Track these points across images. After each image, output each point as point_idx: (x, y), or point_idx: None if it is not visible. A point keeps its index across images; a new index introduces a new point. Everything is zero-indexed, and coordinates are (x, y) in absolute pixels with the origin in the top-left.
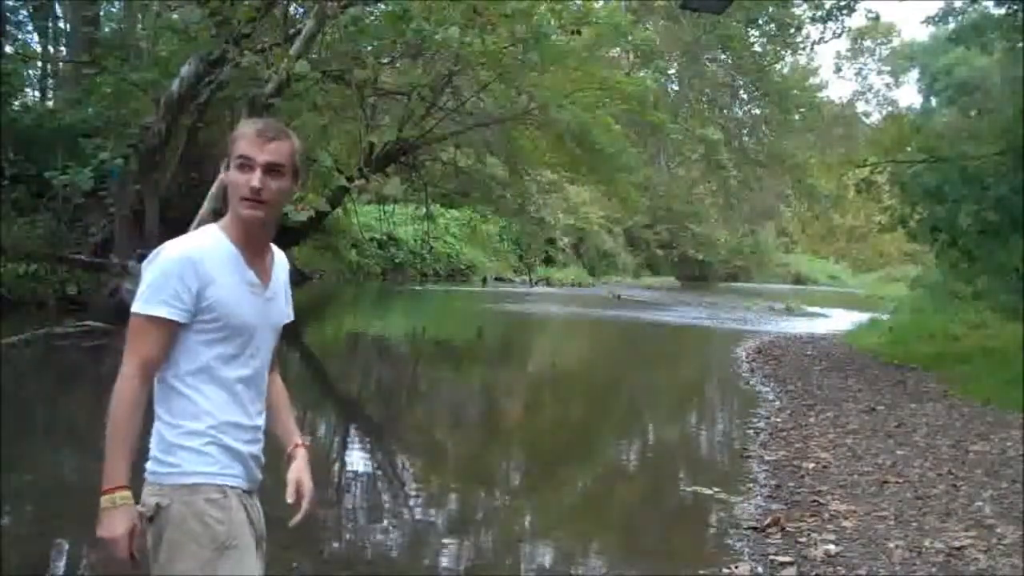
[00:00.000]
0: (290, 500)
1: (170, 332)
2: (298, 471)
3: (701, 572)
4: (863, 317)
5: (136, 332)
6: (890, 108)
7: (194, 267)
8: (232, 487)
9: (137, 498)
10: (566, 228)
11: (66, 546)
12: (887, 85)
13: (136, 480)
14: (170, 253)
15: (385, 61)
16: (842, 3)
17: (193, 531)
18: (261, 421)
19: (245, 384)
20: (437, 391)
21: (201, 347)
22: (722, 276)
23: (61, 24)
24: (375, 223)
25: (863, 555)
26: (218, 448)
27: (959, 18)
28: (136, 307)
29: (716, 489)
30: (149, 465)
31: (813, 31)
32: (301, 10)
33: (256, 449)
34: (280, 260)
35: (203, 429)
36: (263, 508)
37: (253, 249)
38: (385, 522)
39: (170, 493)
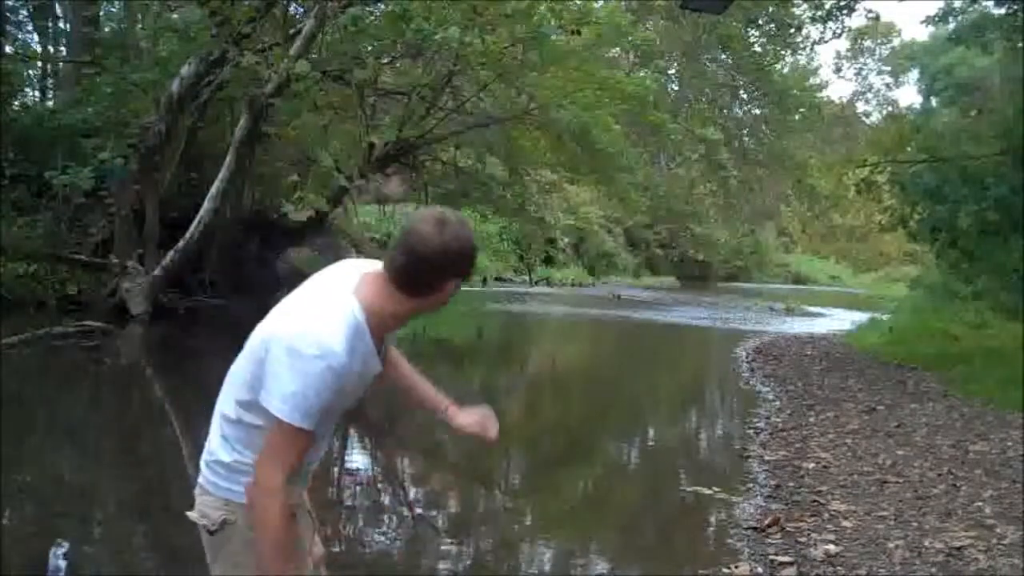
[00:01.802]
0: (492, 435)
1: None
2: (469, 414)
3: (701, 572)
4: (863, 317)
5: (283, 442)
6: (890, 108)
7: (342, 376)
8: (293, 503)
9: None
10: (566, 228)
11: (66, 546)
12: (887, 85)
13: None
14: (324, 361)
15: (385, 61)
16: (842, 3)
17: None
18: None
19: (309, 462)
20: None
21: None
22: (722, 276)
23: (61, 24)
24: (375, 223)
25: (863, 555)
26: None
27: (959, 18)
28: (290, 417)
29: (716, 489)
30: (211, 478)
31: (813, 31)
32: (301, 10)
33: (313, 467)
34: None
35: None
36: None
37: None
38: (385, 522)
39: (237, 510)
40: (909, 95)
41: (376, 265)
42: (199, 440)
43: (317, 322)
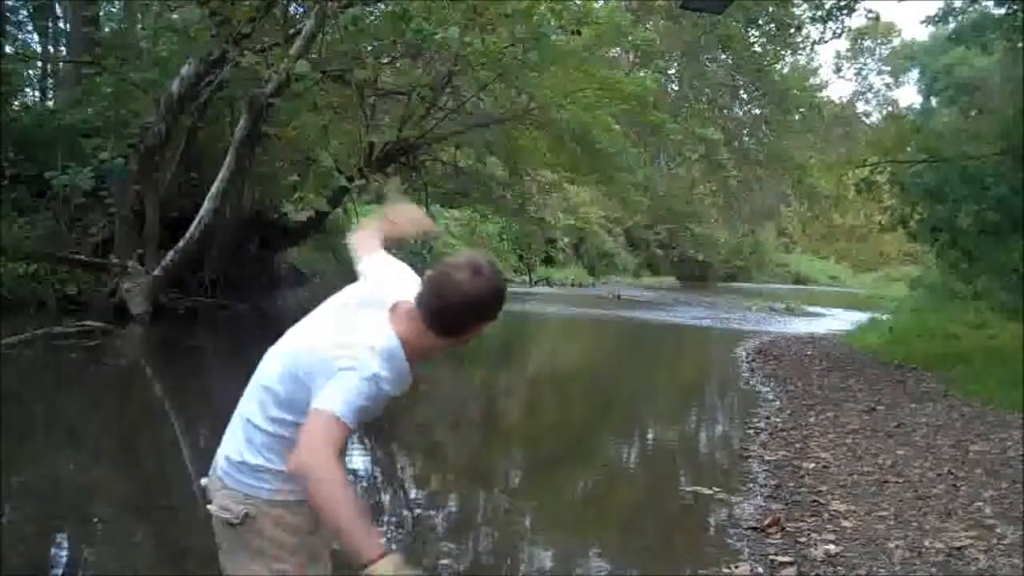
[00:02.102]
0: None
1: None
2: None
3: (701, 572)
4: (863, 317)
5: (329, 429)
6: (890, 108)
7: (379, 400)
8: None
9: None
10: (566, 228)
11: (66, 546)
12: (887, 85)
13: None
14: (370, 377)
15: (385, 61)
16: (842, 3)
17: (285, 541)
18: None
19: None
20: (436, 391)
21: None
22: (722, 276)
23: (61, 24)
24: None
25: (863, 555)
26: None
27: (959, 18)
28: (341, 412)
29: (716, 489)
30: (234, 475)
31: (813, 31)
32: (301, 10)
33: None
34: None
35: None
36: None
37: None
38: (385, 522)
39: (259, 504)
40: (909, 95)
41: (402, 294)
42: (199, 440)
43: (366, 348)
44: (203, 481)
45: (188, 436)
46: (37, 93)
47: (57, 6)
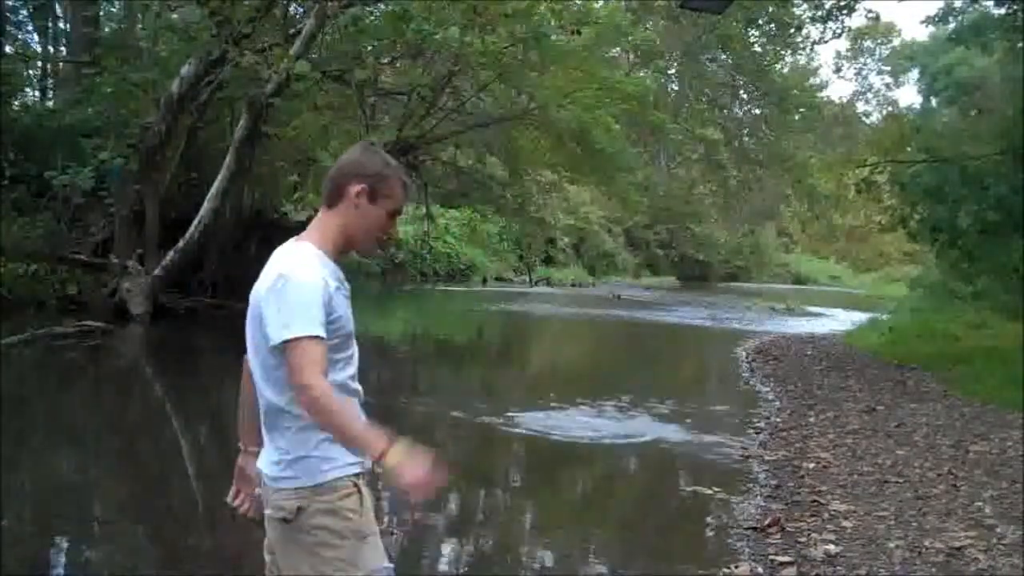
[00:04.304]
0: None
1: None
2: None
3: (701, 572)
4: (863, 317)
5: (304, 352)
6: (890, 108)
7: (325, 290)
8: (359, 474)
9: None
10: (566, 228)
11: (66, 546)
12: (887, 85)
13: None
14: (303, 280)
15: (385, 61)
16: (842, 3)
17: (334, 527)
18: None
19: (352, 379)
20: (436, 390)
21: (330, 360)
22: (722, 276)
23: (61, 24)
24: None
25: (863, 555)
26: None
27: (959, 18)
28: (295, 332)
29: (716, 489)
30: (282, 473)
31: (813, 31)
32: (301, 10)
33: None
34: None
35: None
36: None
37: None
38: (385, 522)
39: (308, 496)
40: (909, 95)
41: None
42: (199, 440)
43: (288, 264)
44: (257, 491)
45: (188, 436)
46: (37, 93)
47: (57, 6)
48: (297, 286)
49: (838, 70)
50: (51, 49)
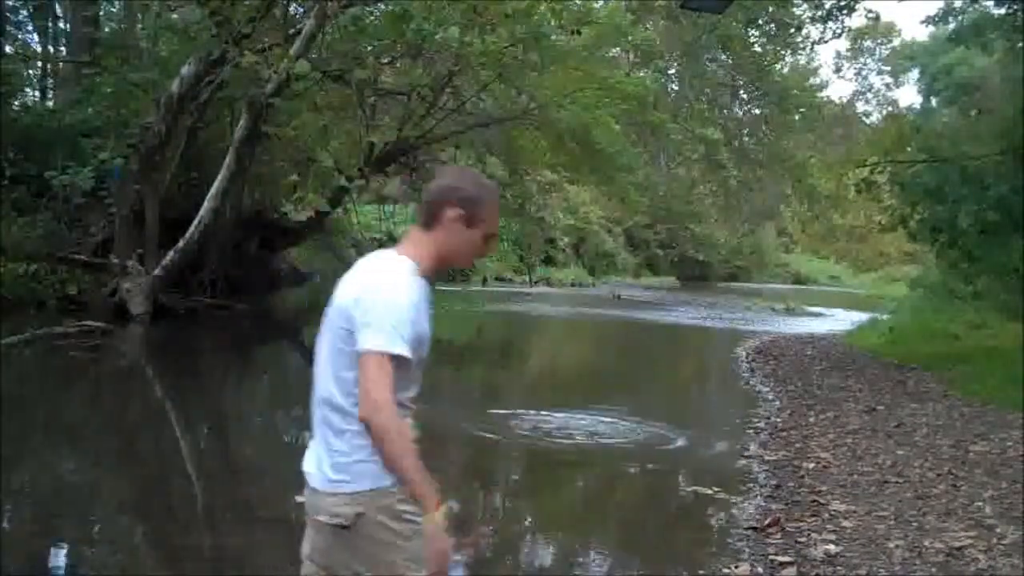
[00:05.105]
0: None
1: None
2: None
3: (701, 572)
4: (863, 317)
5: (381, 366)
6: (890, 108)
7: (416, 309)
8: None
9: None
10: (566, 228)
11: (66, 546)
12: (887, 85)
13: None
14: (399, 296)
15: (385, 61)
16: (842, 3)
17: (395, 529)
18: None
19: (412, 401)
20: (436, 390)
21: (398, 379)
22: (722, 276)
23: (61, 24)
24: (375, 223)
25: (863, 555)
26: None
27: (959, 18)
28: (382, 346)
29: (716, 489)
30: (336, 478)
31: (813, 31)
32: (301, 10)
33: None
34: None
35: None
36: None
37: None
38: None
39: (365, 502)
40: (909, 95)
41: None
42: (199, 440)
43: (389, 275)
44: (299, 499)
45: (187, 436)
46: (37, 93)
47: (57, 6)
48: (394, 300)
49: (838, 70)
50: (51, 49)
